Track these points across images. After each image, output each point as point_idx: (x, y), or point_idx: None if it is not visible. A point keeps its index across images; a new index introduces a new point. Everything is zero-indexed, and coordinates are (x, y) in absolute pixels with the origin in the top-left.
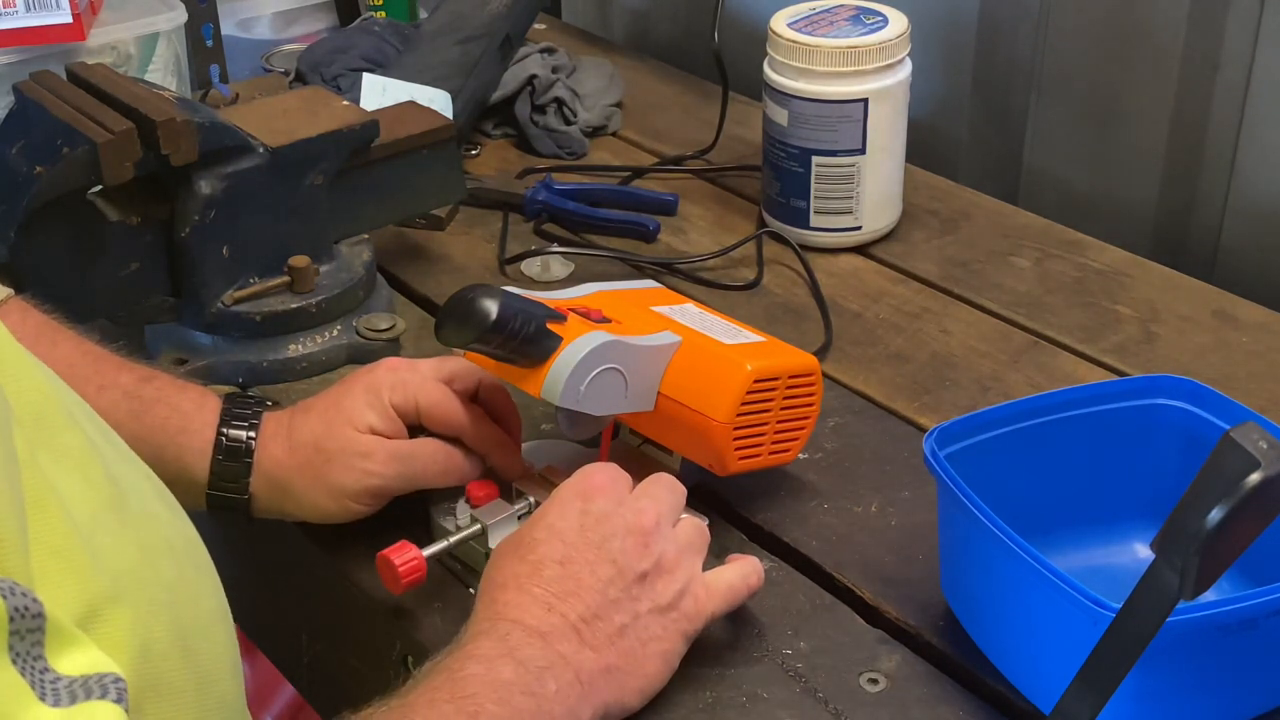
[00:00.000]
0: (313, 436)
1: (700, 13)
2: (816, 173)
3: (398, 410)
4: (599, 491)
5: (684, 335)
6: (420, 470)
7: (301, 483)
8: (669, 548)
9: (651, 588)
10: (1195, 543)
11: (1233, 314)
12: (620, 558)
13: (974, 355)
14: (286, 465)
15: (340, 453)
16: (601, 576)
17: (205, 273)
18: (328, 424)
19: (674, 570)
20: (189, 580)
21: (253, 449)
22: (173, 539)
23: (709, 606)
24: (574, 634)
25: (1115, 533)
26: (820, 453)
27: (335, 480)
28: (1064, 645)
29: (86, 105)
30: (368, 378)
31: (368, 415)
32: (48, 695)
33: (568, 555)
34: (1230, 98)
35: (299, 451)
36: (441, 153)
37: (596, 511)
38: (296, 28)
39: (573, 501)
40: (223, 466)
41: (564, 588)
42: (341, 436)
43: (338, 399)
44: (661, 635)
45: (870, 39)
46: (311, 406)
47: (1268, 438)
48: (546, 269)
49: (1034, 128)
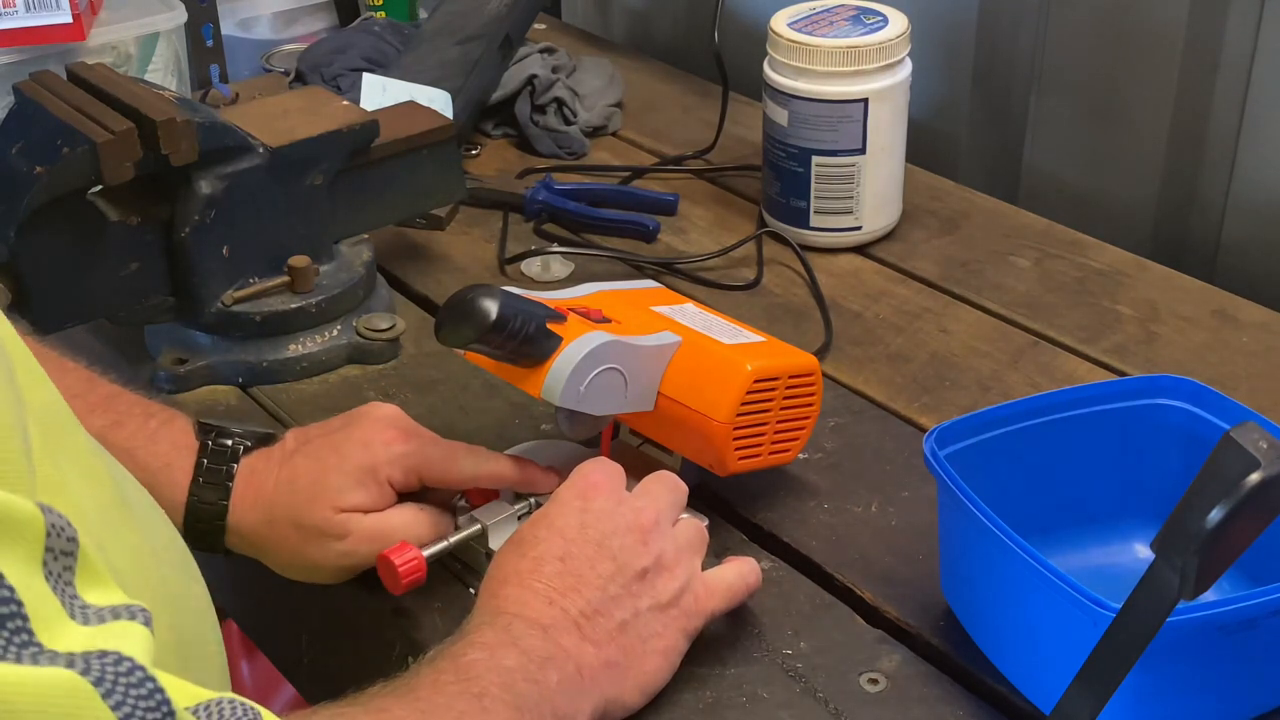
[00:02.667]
0: (293, 512)
1: (700, 13)
2: (816, 173)
3: (395, 485)
4: (598, 489)
5: (684, 335)
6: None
7: (279, 555)
8: (669, 545)
9: (652, 585)
10: (1195, 543)
11: (1233, 314)
12: (620, 554)
13: (974, 355)
14: (263, 535)
15: (316, 533)
16: (602, 573)
17: (205, 273)
18: (310, 499)
19: (674, 568)
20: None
21: (224, 516)
22: (168, 543)
23: (709, 604)
24: (575, 628)
25: (1115, 533)
26: (820, 453)
27: (311, 558)
28: (1064, 645)
29: (86, 105)
30: (364, 453)
31: (354, 496)
32: (76, 615)
33: (568, 552)
34: (1230, 98)
35: (277, 526)
36: (441, 153)
37: (596, 509)
38: (296, 28)
39: (573, 500)
40: (194, 530)
41: (565, 583)
42: (319, 517)
43: (327, 471)
44: (661, 632)
45: (870, 39)
46: (297, 475)
47: (1268, 438)
48: (546, 269)
49: (1034, 128)
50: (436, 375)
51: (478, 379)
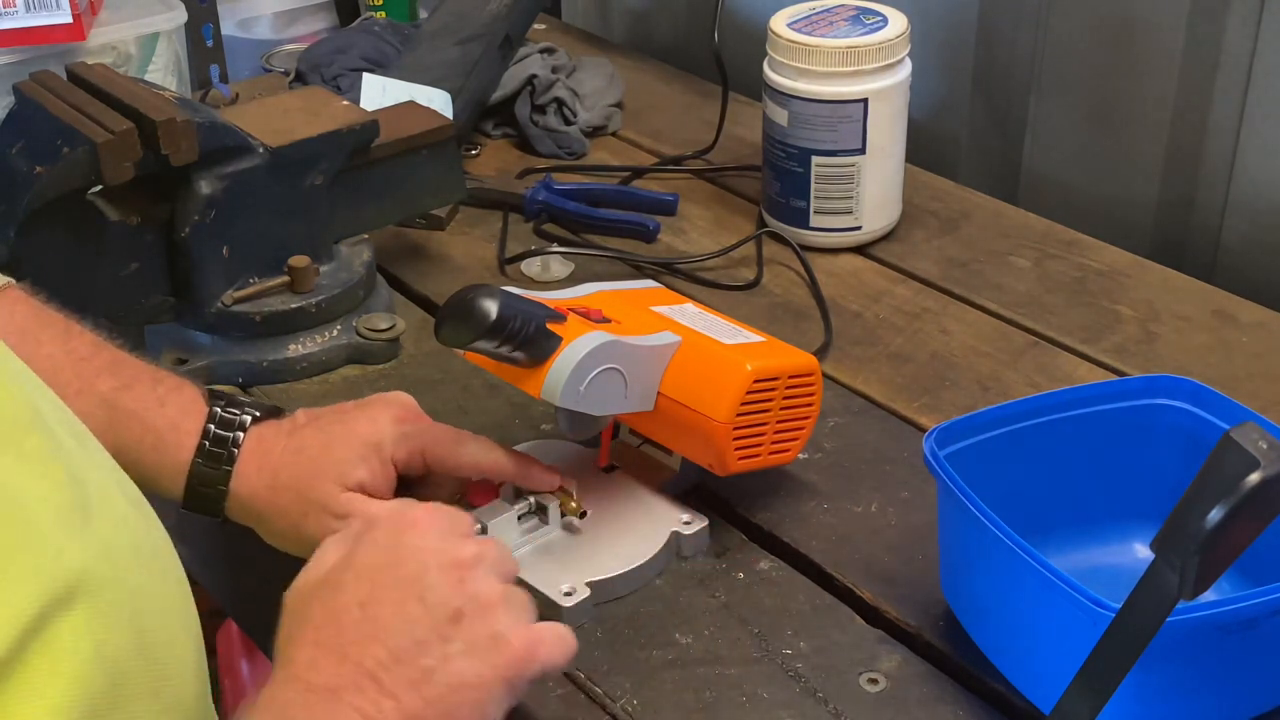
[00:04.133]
0: (297, 481)
1: (700, 13)
2: (816, 173)
3: (399, 465)
4: (413, 526)
5: (684, 335)
6: None
7: (276, 523)
8: (489, 587)
9: (467, 628)
10: (1195, 543)
11: (1233, 314)
12: (430, 594)
13: (974, 355)
14: (265, 501)
15: (316, 507)
16: (408, 616)
17: (205, 273)
18: (316, 472)
19: (492, 609)
20: (153, 584)
21: (227, 481)
22: (139, 543)
23: (539, 653)
24: (372, 682)
25: (1115, 533)
26: (820, 453)
27: (307, 531)
28: (1064, 645)
29: (86, 105)
30: (371, 428)
31: (358, 472)
32: None
33: (371, 595)
34: (1230, 98)
35: (281, 493)
36: (441, 153)
37: (409, 545)
38: (296, 28)
39: (382, 538)
40: (196, 494)
41: (363, 632)
42: (323, 490)
43: (333, 443)
44: (476, 682)
45: (870, 39)
46: (304, 445)
47: (1268, 438)
48: (546, 269)
49: (1034, 128)
50: (436, 375)
51: (478, 379)
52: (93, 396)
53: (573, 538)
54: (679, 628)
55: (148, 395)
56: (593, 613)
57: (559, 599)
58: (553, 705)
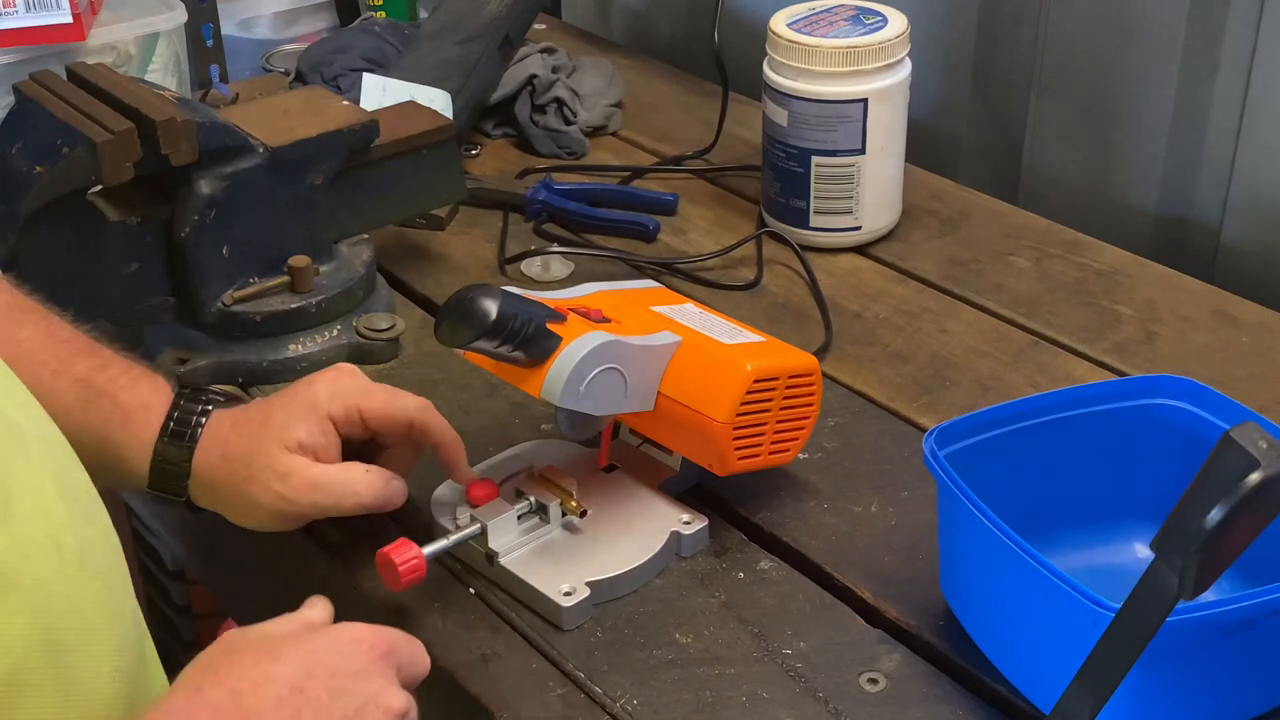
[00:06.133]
0: (244, 449)
1: (700, 13)
2: (816, 173)
3: (337, 421)
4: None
5: (684, 335)
6: (335, 501)
7: (226, 493)
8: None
9: None
10: (1195, 543)
11: (1233, 314)
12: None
13: (974, 355)
14: (219, 472)
15: (261, 470)
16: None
17: (205, 273)
18: (259, 438)
19: None
20: (71, 580)
21: (190, 459)
22: (60, 539)
23: None
24: None
25: (1115, 533)
26: (820, 453)
27: (253, 497)
28: (1064, 645)
29: (86, 105)
30: (307, 390)
31: (298, 431)
32: None
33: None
34: (1230, 98)
35: (230, 462)
36: (441, 153)
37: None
38: (296, 28)
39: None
40: (160, 471)
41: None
42: (266, 454)
43: (274, 410)
44: None
45: (870, 39)
46: (251, 416)
47: (1268, 438)
48: (546, 269)
49: (1034, 128)
50: (436, 375)
51: (478, 379)
52: (69, 376)
53: (573, 538)
54: (679, 628)
55: (122, 376)
56: (593, 613)
57: (559, 599)
58: (553, 705)
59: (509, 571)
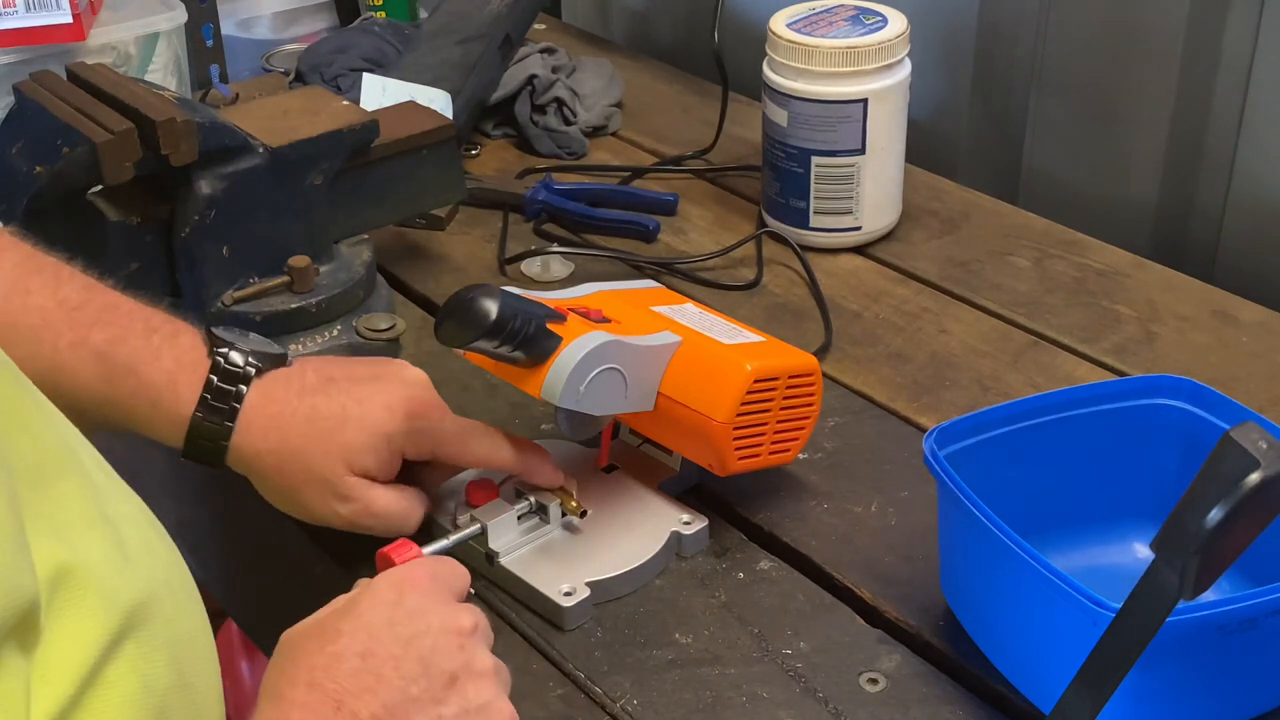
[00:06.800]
0: (304, 452)
1: (700, 13)
2: (816, 173)
3: (408, 456)
4: (416, 586)
5: (684, 335)
6: (377, 526)
7: (275, 483)
8: (483, 657)
9: (461, 691)
10: (1195, 543)
11: (1233, 314)
12: (429, 655)
13: (974, 355)
14: (267, 460)
15: (322, 483)
16: (406, 674)
17: (205, 273)
18: (325, 450)
19: (485, 678)
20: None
21: (229, 437)
22: (171, 576)
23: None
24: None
25: (1115, 533)
26: (820, 453)
27: (304, 502)
28: (1064, 645)
29: (86, 105)
30: (385, 419)
31: (366, 459)
32: None
33: (371, 648)
34: (1230, 98)
35: (287, 459)
36: (441, 153)
37: (410, 605)
38: (296, 28)
39: (386, 593)
40: (198, 446)
41: (360, 683)
42: (330, 469)
43: (347, 423)
44: None
45: (870, 39)
46: (316, 414)
47: (1268, 438)
48: (546, 269)
49: (1034, 128)
50: (436, 375)
51: (478, 379)
52: (86, 349)
53: (573, 538)
54: (679, 628)
55: (143, 348)
56: (593, 613)
57: (559, 599)
58: (553, 705)
59: (509, 571)
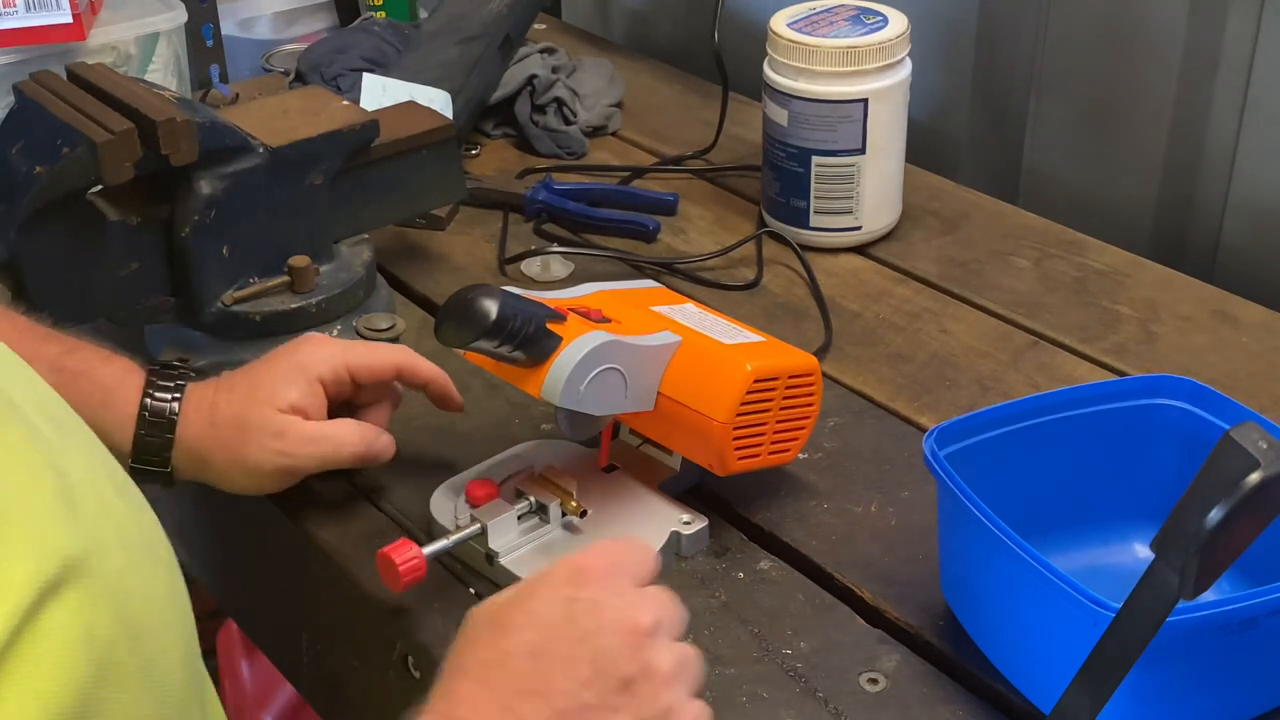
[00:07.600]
0: (233, 413)
1: (700, 13)
2: (816, 173)
3: (326, 383)
4: (594, 576)
5: (684, 335)
6: (333, 452)
7: (220, 458)
8: (665, 657)
9: (635, 697)
10: (1195, 543)
11: (1233, 314)
12: (602, 658)
13: (974, 355)
14: (207, 440)
15: (257, 431)
16: (577, 677)
17: (205, 273)
18: (249, 401)
19: (666, 681)
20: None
21: (175, 424)
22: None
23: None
24: None
25: (1115, 533)
26: (820, 453)
27: (251, 459)
28: (1064, 645)
29: (86, 105)
30: (292, 356)
31: (289, 392)
32: None
33: (542, 647)
34: (1230, 98)
35: (220, 428)
36: (441, 153)
37: (587, 599)
38: (296, 28)
39: (562, 585)
40: (145, 440)
41: (529, 685)
42: (259, 415)
43: (260, 375)
44: None
45: (870, 39)
46: (235, 383)
47: (1268, 438)
48: (546, 269)
49: (1034, 128)
50: None
51: (478, 379)
52: (40, 364)
53: (573, 538)
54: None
55: (93, 356)
56: None
57: None
58: None
59: (509, 571)
